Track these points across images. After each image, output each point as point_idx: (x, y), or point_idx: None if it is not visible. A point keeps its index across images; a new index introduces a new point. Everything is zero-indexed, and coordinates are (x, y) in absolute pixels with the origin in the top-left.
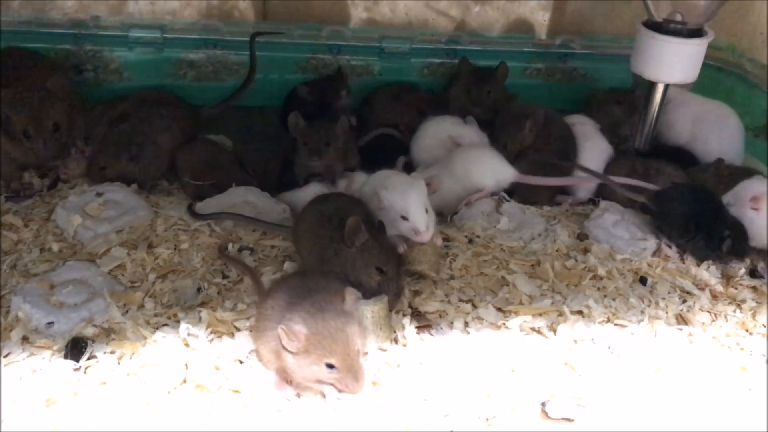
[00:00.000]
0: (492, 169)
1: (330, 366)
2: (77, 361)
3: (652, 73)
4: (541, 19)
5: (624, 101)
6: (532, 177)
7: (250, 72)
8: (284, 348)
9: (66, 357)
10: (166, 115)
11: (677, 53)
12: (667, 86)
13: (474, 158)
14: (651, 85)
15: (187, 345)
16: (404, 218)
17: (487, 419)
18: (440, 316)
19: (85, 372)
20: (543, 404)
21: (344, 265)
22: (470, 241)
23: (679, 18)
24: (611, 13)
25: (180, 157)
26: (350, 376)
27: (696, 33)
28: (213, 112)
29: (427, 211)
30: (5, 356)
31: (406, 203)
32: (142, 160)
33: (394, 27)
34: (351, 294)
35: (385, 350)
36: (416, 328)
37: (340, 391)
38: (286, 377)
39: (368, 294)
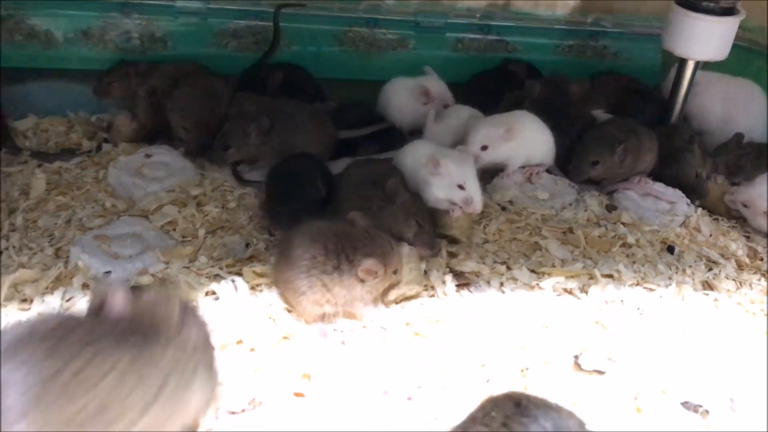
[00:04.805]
0: (553, 147)
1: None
2: None
3: (683, 50)
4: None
5: None
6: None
7: (273, 42)
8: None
9: None
10: None
11: (709, 31)
12: (697, 64)
13: (542, 132)
14: (681, 63)
15: (238, 293)
16: (461, 187)
17: (522, 370)
18: (477, 276)
19: None
20: (576, 357)
21: (387, 219)
22: (503, 209)
23: None
24: None
25: None
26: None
27: (728, 11)
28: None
29: None
30: (68, 300)
31: (465, 173)
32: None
33: (430, 2)
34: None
35: (423, 305)
36: (456, 285)
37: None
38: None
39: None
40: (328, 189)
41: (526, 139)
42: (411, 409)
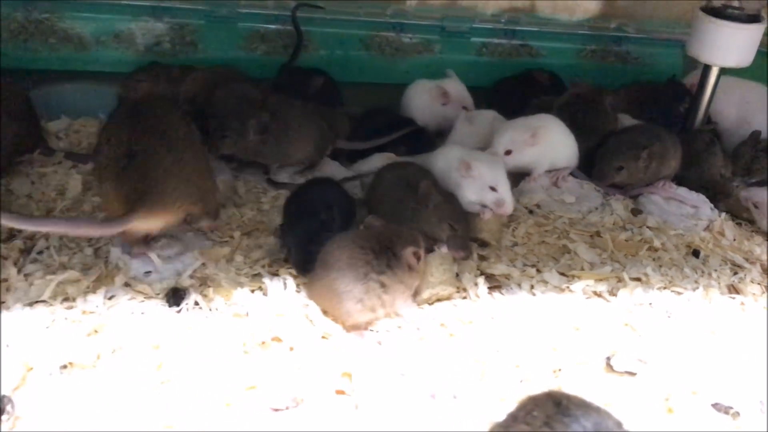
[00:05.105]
0: (576, 150)
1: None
2: (178, 305)
3: (708, 56)
4: (596, 2)
5: None
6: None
7: (297, 43)
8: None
9: (169, 303)
10: None
11: (733, 38)
12: (721, 70)
13: (566, 136)
14: (706, 69)
15: (276, 293)
16: (493, 189)
17: (555, 371)
18: (507, 278)
19: (182, 316)
20: (608, 358)
21: (421, 222)
22: (531, 212)
23: (737, 3)
24: None
25: None
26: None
27: (753, 18)
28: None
29: None
30: (110, 298)
31: (497, 175)
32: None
33: (455, 7)
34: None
35: (456, 306)
36: (487, 287)
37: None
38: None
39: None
40: (348, 209)
41: (551, 143)
42: (450, 407)
